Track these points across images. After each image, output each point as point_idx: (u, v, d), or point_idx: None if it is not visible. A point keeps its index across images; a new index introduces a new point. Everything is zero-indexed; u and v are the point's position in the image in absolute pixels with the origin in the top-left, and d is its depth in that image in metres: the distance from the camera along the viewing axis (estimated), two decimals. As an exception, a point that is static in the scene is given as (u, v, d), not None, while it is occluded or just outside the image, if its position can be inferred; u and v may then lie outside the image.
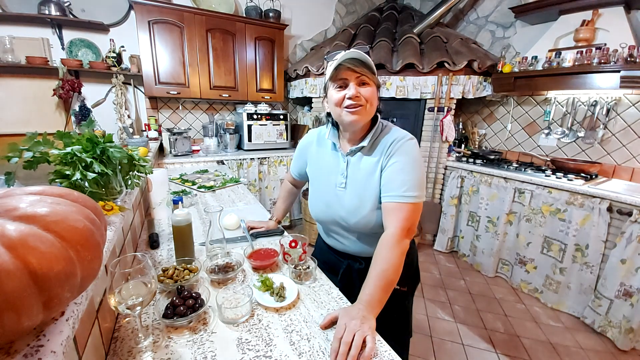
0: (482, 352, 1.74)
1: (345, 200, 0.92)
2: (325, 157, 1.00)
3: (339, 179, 0.94)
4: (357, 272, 1.03)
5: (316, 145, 1.04)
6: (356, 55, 0.81)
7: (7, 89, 2.35)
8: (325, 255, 1.10)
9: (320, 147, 1.03)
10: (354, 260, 1.03)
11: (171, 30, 2.60)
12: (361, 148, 0.90)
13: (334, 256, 1.08)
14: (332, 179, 0.96)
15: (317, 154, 1.03)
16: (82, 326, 0.50)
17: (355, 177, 0.91)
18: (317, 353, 0.65)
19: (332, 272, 1.03)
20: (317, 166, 1.03)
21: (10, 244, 0.31)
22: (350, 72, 0.81)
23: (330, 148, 0.98)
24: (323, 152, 1.01)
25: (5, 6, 2.25)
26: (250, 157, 2.93)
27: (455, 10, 3.24)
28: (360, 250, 1.00)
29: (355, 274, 1.03)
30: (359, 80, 0.82)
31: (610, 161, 2.29)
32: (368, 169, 0.89)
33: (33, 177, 0.67)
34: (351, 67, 0.80)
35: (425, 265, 2.69)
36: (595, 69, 2.01)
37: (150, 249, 1.08)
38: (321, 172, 1.01)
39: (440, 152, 2.86)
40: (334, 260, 1.08)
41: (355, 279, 1.04)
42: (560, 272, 2.08)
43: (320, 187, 1.00)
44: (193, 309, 0.71)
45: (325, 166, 0.99)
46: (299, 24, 3.49)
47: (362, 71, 0.81)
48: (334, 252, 1.08)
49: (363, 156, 0.91)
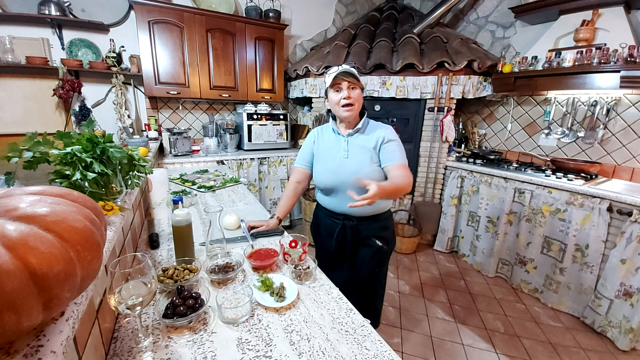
0: (482, 352, 1.74)
1: (348, 165, 1.24)
2: (329, 140, 1.33)
3: (342, 153, 1.26)
4: (350, 229, 1.30)
5: (319, 136, 1.38)
6: (347, 69, 1.20)
7: (7, 89, 2.35)
8: (323, 220, 1.38)
9: (323, 136, 1.37)
10: (348, 219, 1.29)
11: (171, 30, 2.60)
12: (357, 130, 1.26)
13: (331, 219, 1.34)
14: (335, 153, 1.28)
15: (321, 141, 1.36)
16: (82, 326, 0.50)
17: (355, 149, 1.25)
18: (317, 353, 0.65)
19: (329, 235, 1.34)
20: (323, 147, 1.34)
21: (10, 244, 0.31)
22: (343, 80, 1.18)
23: (332, 134, 1.33)
24: (326, 138, 1.35)
25: (5, 6, 2.25)
26: (250, 157, 2.93)
27: (455, 10, 3.24)
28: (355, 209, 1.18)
29: (349, 230, 1.31)
30: (349, 85, 1.19)
31: (610, 161, 2.29)
32: (365, 144, 1.24)
33: (33, 177, 0.67)
34: (344, 77, 1.18)
35: (425, 265, 2.69)
36: (595, 69, 2.01)
37: (150, 249, 1.09)
38: (327, 150, 1.32)
39: (440, 152, 2.86)
40: (330, 223, 1.35)
41: (348, 235, 1.31)
42: (560, 272, 2.08)
43: (328, 160, 1.30)
44: (193, 309, 0.71)
45: (330, 146, 1.31)
46: (299, 24, 3.49)
47: (351, 80, 1.18)
48: (332, 214, 1.34)
49: (359, 135, 1.27)
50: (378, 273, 1.38)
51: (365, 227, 1.30)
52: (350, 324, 0.75)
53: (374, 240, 1.31)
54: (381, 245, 1.32)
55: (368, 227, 1.30)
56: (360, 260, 1.34)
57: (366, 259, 1.33)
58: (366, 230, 1.30)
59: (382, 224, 1.33)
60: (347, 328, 0.73)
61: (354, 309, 0.81)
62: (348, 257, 1.35)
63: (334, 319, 0.76)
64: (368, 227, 1.30)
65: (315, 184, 1.35)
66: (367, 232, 1.31)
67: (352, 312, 0.79)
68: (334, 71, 1.21)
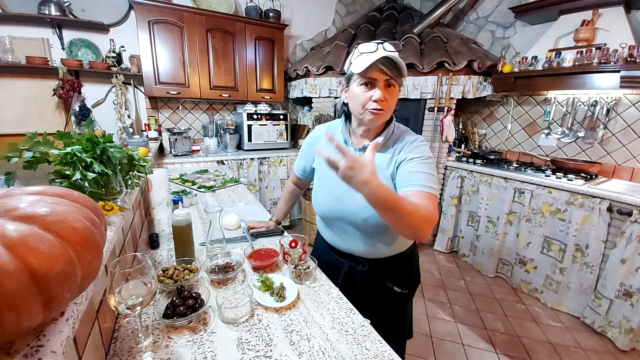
0: (482, 352, 1.74)
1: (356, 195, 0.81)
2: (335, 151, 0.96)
3: None
4: (360, 274, 1.00)
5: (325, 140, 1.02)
6: (392, 57, 0.77)
7: (7, 89, 2.34)
8: (325, 255, 1.07)
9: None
10: (357, 262, 1.00)
11: (171, 30, 2.60)
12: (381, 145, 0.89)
13: (335, 257, 1.05)
14: None
15: (327, 148, 0.97)
16: (82, 326, 0.50)
17: None
18: (317, 353, 0.65)
19: (332, 274, 1.01)
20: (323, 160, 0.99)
21: (10, 244, 0.31)
22: (381, 73, 0.79)
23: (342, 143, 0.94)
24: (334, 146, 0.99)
25: (5, 6, 2.25)
26: (250, 157, 2.93)
27: (455, 10, 3.24)
28: (364, 250, 0.97)
29: (358, 276, 1.01)
30: (387, 82, 0.81)
31: (610, 161, 2.29)
32: (381, 165, 0.88)
33: (33, 177, 0.67)
34: (383, 69, 0.79)
35: (425, 265, 2.69)
36: (595, 69, 2.01)
37: (150, 249, 1.08)
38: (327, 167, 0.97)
39: (440, 152, 2.86)
40: (334, 261, 1.05)
41: (358, 282, 1.01)
42: (560, 272, 2.08)
43: (329, 180, 0.96)
44: (193, 309, 0.71)
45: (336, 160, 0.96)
46: (299, 24, 3.49)
47: (392, 74, 0.80)
48: (335, 252, 1.05)
49: (381, 153, 0.89)
50: (397, 320, 1.06)
51: (379, 271, 1.00)
52: (350, 324, 0.75)
53: (390, 286, 1.01)
54: (400, 290, 1.02)
55: (383, 271, 1.00)
56: (373, 305, 1.00)
57: (381, 305, 1.02)
58: (381, 275, 1.01)
59: (403, 266, 1.02)
60: (347, 328, 0.73)
61: (354, 308, 0.81)
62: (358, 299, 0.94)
63: (334, 319, 0.76)
64: (383, 272, 1.00)
65: (314, 207, 1.04)
66: (382, 278, 1.01)
67: (352, 312, 0.79)
68: (371, 51, 0.79)
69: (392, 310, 1.02)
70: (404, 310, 1.08)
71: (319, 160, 1.03)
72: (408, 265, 1.03)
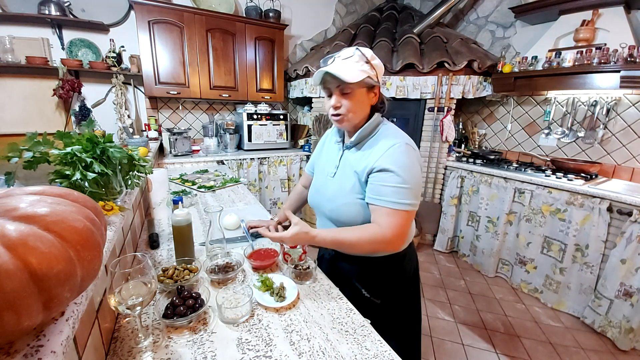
0: (482, 352, 1.74)
1: (329, 187, 0.97)
2: (332, 148, 1.05)
3: (331, 169, 0.99)
4: (328, 261, 1.07)
5: (331, 136, 1.09)
6: (330, 70, 0.81)
7: (7, 89, 2.35)
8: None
9: (328, 141, 1.09)
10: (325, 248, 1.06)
11: (171, 30, 2.60)
12: (352, 143, 0.94)
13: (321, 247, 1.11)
14: (327, 167, 1.01)
15: (327, 145, 1.09)
16: (82, 326, 0.50)
17: (344, 168, 0.95)
18: (317, 353, 0.65)
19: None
20: (321, 155, 1.09)
21: (10, 244, 0.31)
22: (332, 80, 0.83)
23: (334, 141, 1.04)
24: (328, 145, 1.08)
25: (5, 6, 2.25)
26: (250, 157, 2.93)
27: (455, 10, 3.24)
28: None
29: (325, 262, 1.08)
30: (340, 89, 0.85)
31: (610, 161, 2.29)
32: (355, 164, 0.91)
33: (33, 177, 0.67)
34: (328, 79, 0.84)
35: (425, 265, 2.69)
36: (595, 69, 2.01)
37: (150, 249, 1.09)
38: (323, 160, 1.06)
39: (440, 152, 2.86)
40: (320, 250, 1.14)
41: (324, 267, 1.06)
42: (560, 272, 2.08)
43: (318, 174, 1.06)
44: (193, 309, 0.71)
45: (326, 156, 1.05)
46: (299, 24, 3.49)
47: (339, 81, 0.82)
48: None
49: (357, 151, 0.94)
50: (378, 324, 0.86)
51: (345, 266, 1.00)
52: (350, 324, 0.75)
53: (357, 286, 0.98)
54: (369, 296, 0.97)
55: (349, 267, 0.99)
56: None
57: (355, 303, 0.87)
58: (347, 271, 1.00)
59: (375, 270, 0.96)
60: (347, 328, 0.73)
61: (354, 308, 0.81)
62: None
63: (334, 319, 0.76)
64: (349, 268, 1.00)
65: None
66: (348, 274, 1.00)
67: (352, 312, 0.79)
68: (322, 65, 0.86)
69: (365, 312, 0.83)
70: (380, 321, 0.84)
71: (320, 152, 1.11)
72: (383, 271, 0.96)
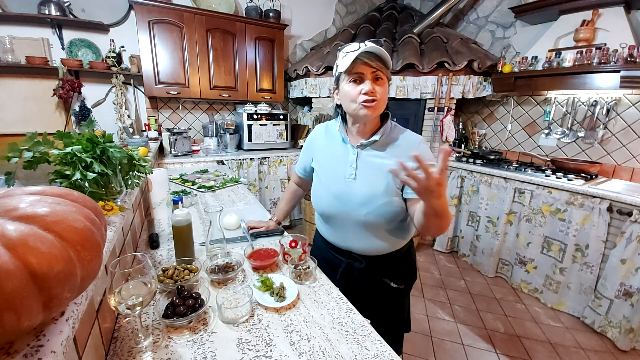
0: (482, 352, 1.74)
1: (356, 190, 0.91)
2: (334, 149, 0.99)
3: (348, 171, 0.93)
4: (358, 271, 1.02)
5: (324, 138, 1.04)
6: (373, 50, 0.81)
7: (7, 89, 2.35)
8: (323, 253, 1.09)
9: (329, 139, 1.02)
10: (354, 259, 1.01)
11: (171, 30, 2.60)
12: (373, 142, 0.91)
13: (333, 254, 1.06)
14: (341, 170, 0.95)
15: (325, 146, 1.03)
16: (82, 326, 0.50)
17: (367, 169, 0.91)
18: (317, 353, 0.65)
19: (330, 271, 1.03)
20: (325, 157, 1.02)
21: (10, 244, 0.31)
22: (366, 66, 0.81)
23: (340, 140, 0.98)
24: (332, 144, 1.01)
25: (5, 6, 2.25)
26: (250, 157, 2.93)
27: (455, 10, 3.24)
28: (363, 247, 0.98)
29: (356, 272, 1.02)
30: (374, 75, 0.83)
31: (610, 161, 2.29)
32: (381, 162, 0.89)
33: (33, 177, 0.67)
34: (367, 62, 0.81)
35: (425, 265, 2.69)
36: (595, 69, 2.01)
37: (150, 249, 1.08)
38: (329, 163, 1.00)
39: (440, 152, 2.85)
40: (332, 258, 1.06)
41: (355, 278, 1.03)
42: (560, 272, 2.08)
43: (330, 178, 0.98)
44: (193, 309, 0.71)
45: (334, 157, 0.98)
46: (299, 24, 3.49)
47: (378, 66, 0.82)
48: (334, 249, 1.06)
49: (375, 150, 0.92)
50: (394, 315, 1.09)
51: (376, 268, 1.01)
52: (350, 324, 0.75)
53: (387, 282, 1.03)
54: (397, 286, 1.04)
55: (380, 268, 1.02)
56: (370, 301, 1.03)
57: (378, 301, 1.04)
58: (378, 272, 1.02)
59: (400, 262, 1.04)
60: (347, 328, 0.73)
61: (354, 308, 0.81)
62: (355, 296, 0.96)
63: (334, 319, 0.76)
64: (380, 269, 1.02)
65: (313, 205, 1.05)
66: (379, 274, 1.03)
67: (352, 312, 0.79)
68: (353, 49, 0.82)
69: (389, 305, 1.05)
70: (401, 305, 1.11)
71: (318, 158, 1.05)
72: (404, 261, 1.05)
